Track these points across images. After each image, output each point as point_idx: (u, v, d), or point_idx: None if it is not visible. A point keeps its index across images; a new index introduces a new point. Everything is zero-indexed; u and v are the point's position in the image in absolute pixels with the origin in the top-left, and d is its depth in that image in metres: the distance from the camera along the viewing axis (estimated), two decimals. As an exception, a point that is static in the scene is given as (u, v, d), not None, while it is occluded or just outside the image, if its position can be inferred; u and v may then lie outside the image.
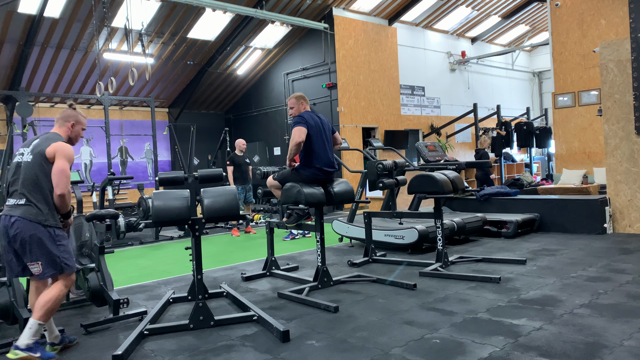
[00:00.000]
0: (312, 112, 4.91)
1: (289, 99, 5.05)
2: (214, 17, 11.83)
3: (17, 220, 3.10)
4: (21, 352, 3.00)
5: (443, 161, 7.44)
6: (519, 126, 13.96)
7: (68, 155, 3.20)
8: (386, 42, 14.39)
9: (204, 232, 5.78)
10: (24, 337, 3.03)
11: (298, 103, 4.94)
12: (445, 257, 5.28)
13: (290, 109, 4.98)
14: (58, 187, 3.12)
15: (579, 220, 7.02)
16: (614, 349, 2.93)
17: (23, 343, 3.02)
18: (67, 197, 3.18)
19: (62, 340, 3.40)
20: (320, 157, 4.72)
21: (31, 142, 3.30)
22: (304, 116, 4.74)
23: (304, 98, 4.99)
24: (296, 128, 4.63)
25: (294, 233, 8.24)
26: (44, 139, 3.27)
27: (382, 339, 3.31)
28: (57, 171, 3.13)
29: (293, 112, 4.94)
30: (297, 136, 4.59)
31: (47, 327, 3.28)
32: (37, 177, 3.15)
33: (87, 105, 13.45)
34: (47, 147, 3.18)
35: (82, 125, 3.47)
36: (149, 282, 5.48)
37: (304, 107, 4.93)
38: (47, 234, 3.13)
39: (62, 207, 3.21)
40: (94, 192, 10.14)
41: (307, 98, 5.05)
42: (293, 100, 4.97)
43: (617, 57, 6.91)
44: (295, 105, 4.94)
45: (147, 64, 9.16)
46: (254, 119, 15.49)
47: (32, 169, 3.16)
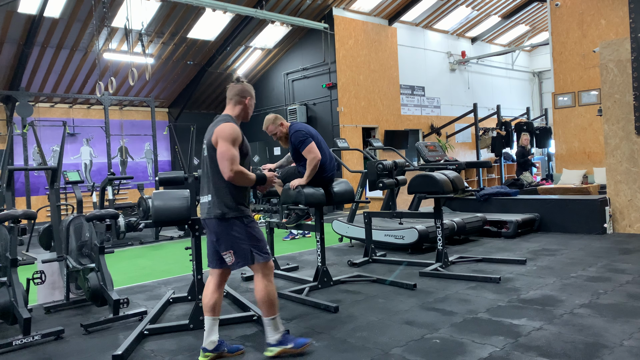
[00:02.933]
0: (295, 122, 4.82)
1: (265, 126, 4.64)
2: (214, 17, 11.83)
3: (207, 219, 3.12)
4: (275, 347, 3.08)
5: (443, 161, 7.44)
6: (519, 126, 13.96)
7: (227, 135, 3.00)
8: (386, 42, 14.39)
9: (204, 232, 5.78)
10: (270, 335, 3.10)
11: (277, 125, 4.63)
12: (445, 257, 5.29)
13: (273, 135, 4.68)
14: (224, 173, 2.98)
15: (579, 220, 7.02)
16: (614, 349, 2.93)
17: (273, 339, 3.09)
18: (237, 176, 2.99)
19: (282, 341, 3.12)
20: (328, 161, 4.70)
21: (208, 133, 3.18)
22: (302, 129, 4.60)
23: (279, 118, 4.68)
24: (309, 146, 4.47)
25: (294, 233, 8.24)
26: (212, 125, 3.14)
27: (382, 339, 3.31)
28: (219, 156, 3.00)
29: (277, 135, 4.67)
30: (315, 152, 4.45)
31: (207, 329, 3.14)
32: (215, 168, 3.06)
33: (87, 105, 13.45)
34: (211, 136, 3.07)
35: (254, 98, 3.32)
36: (149, 282, 5.48)
37: (284, 125, 4.67)
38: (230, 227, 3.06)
39: (244, 184, 3.07)
40: (94, 192, 10.14)
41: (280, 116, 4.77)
42: (271, 127, 4.62)
43: (617, 57, 6.91)
44: (276, 130, 4.64)
45: (147, 64, 9.16)
46: (254, 119, 15.40)
47: (210, 160, 3.10)
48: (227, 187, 3.05)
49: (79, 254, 4.50)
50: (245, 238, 3.06)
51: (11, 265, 3.71)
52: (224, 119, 3.14)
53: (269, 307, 3.07)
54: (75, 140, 13.26)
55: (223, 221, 3.05)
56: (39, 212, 6.62)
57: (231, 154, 2.97)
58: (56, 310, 4.43)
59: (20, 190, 11.96)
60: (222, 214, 3.04)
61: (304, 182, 4.55)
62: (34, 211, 4.00)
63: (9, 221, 3.75)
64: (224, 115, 3.19)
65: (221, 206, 3.04)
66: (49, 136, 12.51)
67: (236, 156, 2.99)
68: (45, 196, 11.94)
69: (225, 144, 2.99)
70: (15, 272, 3.75)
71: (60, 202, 7.62)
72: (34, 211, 3.98)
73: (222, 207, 3.04)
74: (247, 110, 3.27)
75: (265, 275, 3.09)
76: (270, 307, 3.07)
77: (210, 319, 3.13)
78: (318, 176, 4.63)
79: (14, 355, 3.42)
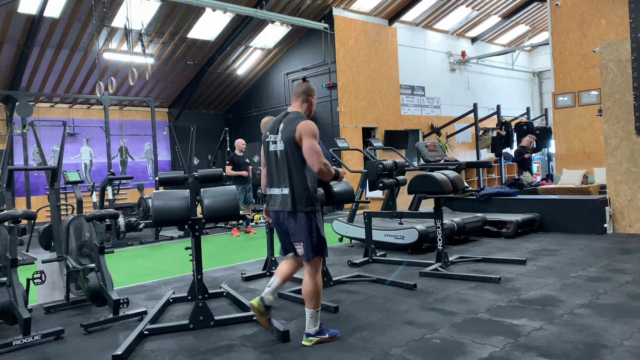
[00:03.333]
0: None
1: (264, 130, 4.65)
2: (214, 17, 11.83)
3: (280, 212, 3.29)
4: (313, 337, 3.28)
5: (443, 161, 7.44)
6: (519, 126, 13.96)
7: (310, 132, 3.21)
8: (386, 42, 14.39)
9: (204, 232, 5.78)
10: (310, 325, 3.28)
11: None
12: (445, 257, 5.28)
13: None
14: (314, 166, 3.19)
15: (579, 220, 7.02)
16: (614, 349, 2.93)
17: (312, 330, 3.28)
18: (325, 169, 3.22)
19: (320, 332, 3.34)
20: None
21: (276, 128, 3.34)
22: None
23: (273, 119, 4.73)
24: None
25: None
26: (288, 121, 3.30)
27: (382, 339, 3.31)
28: (307, 151, 3.19)
29: None
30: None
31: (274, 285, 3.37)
32: (295, 164, 3.24)
33: (87, 105, 13.45)
34: (293, 131, 3.22)
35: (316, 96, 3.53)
36: (149, 282, 5.48)
37: None
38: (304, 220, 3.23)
39: (328, 178, 3.31)
40: (94, 192, 10.13)
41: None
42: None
43: (617, 57, 6.91)
44: None
45: (147, 64, 9.16)
46: (254, 119, 15.48)
47: (292, 157, 3.24)
48: (305, 182, 3.25)
49: (79, 254, 4.50)
50: (314, 232, 3.26)
51: (11, 265, 3.71)
52: (299, 116, 3.33)
53: (313, 300, 3.25)
54: (75, 140, 13.26)
55: (299, 214, 3.23)
56: (39, 212, 6.62)
57: (318, 148, 3.21)
58: (56, 310, 4.43)
59: (20, 190, 11.96)
60: (299, 207, 3.22)
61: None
62: (34, 211, 4.00)
63: (9, 221, 3.75)
64: (295, 112, 3.38)
65: (300, 200, 3.23)
66: (49, 136, 12.51)
67: (321, 151, 3.25)
68: (45, 196, 11.94)
69: (311, 140, 3.20)
70: (15, 272, 3.75)
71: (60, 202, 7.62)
72: (34, 211, 3.98)
73: (300, 200, 3.23)
74: (312, 107, 3.49)
75: (317, 271, 3.31)
76: (315, 300, 3.25)
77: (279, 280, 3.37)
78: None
79: (14, 355, 3.42)
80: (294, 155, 3.24)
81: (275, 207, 3.33)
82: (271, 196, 3.37)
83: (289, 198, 3.23)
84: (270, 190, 3.37)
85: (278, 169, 3.31)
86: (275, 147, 3.33)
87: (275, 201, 3.32)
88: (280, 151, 3.30)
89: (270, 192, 3.38)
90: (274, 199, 3.34)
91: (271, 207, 3.37)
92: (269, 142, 3.37)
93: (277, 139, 3.32)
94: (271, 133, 3.37)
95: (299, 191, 3.23)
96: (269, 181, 3.40)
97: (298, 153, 3.24)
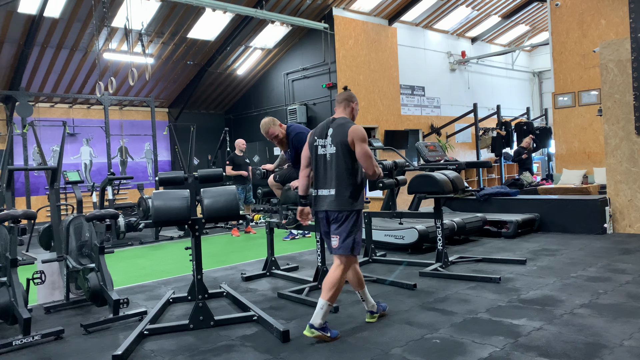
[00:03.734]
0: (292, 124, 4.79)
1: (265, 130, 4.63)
2: (214, 17, 11.83)
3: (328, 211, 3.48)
4: (316, 330, 3.35)
5: (443, 161, 7.44)
6: (519, 126, 13.96)
7: (362, 136, 3.46)
8: (386, 42, 14.38)
9: (204, 232, 5.78)
10: (317, 317, 3.36)
11: (277, 126, 4.66)
12: (445, 257, 5.28)
13: (275, 137, 4.66)
14: (368, 169, 3.46)
15: (579, 220, 7.02)
16: (614, 349, 2.93)
17: (317, 322, 3.35)
18: (377, 172, 3.51)
19: (379, 308, 3.71)
20: None
21: (324, 133, 3.55)
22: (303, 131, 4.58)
23: (275, 119, 4.72)
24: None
25: (294, 233, 8.24)
26: (338, 126, 3.51)
27: (382, 339, 3.31)
28: (362, 156, 3.44)
29: (280, 138, 4.67)
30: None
31: (363, 297, 3.61)
32: (346, 166, 3.45)
33: (87, 105, 13.45)
34: (345, 135, 3.44)
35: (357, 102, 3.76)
36: (149, 282, 5.48)
37: (282, 126, 4.70)
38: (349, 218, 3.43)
39: (374, 178, 3.56)
40: (94, 192, 10.14)
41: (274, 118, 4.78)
42: (272, 129, 4.63)
43: (617, 57, 6.91)
44: (277, 131, 4.65)
45: (147, 64, 9.15)
46: (254, 119, 15.47)
47: (342, 160, 3.45)
48: (354, 184, 3.48)
49: (79, 254, 4.50)
50: (355, 230, 3.46)
51: (11, 265, 3.71)
52: (347, 121, 3.57)
53: (329, 290, 3.40)
54: (75, 140, 13.26)
55: (344, 212, 3.44)
56: (39, 212, 6.61)
57: (370, 152, 3.49)
58: (56, 310, 4.43)
59: (20, 190, 11.95)
60: (345, 207, 3.43)
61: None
62: (34, 211, 4.00)
63: (9, 221, 3.75)
64: (342, 117, 3.62)
65: (349, 200, 3.44)
66: (49, 136, 12.50)
67: (372, 154, 3.55)
68: (45, 196, 11.93)
69: (364, 145, 3.46)
70: (15, 272, 3.75)
71: (60, 202, 7.62)
72: (34, 211, 3.98)
73: (347, 200, 3.44)
74: (354, 112, 3.72)
75: (346, 267, 3.49)
76: (330, 290, 3.39)
77: (362, 291, 3.63)
78: None
79: (14, 355, 3.42)
80: (345, 157, 3.46)
81: (324, 207, 3.51)
82: (319, 197, 3.54)
83: (337, 198, 3.44)
84: (319, 191, 3.55)
85: (327, 171, 3.51)
86: (324, 151, 3.54)
87: (325, 201, 3.50)
88: (330, 154, 3.50)
89: (319, 194, 3.55)
90: (322, 199, 3.52)
91: (319, 207, 3.55)
92: (317, 146, 3.58)
93: (326, 143, 3.53)
94: (319, 137, 3.58)
95: (346, 192, 3.44)
96: (317, 183, 3.58)
97: (349, 155, 3.45)
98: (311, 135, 3.69)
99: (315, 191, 3.57)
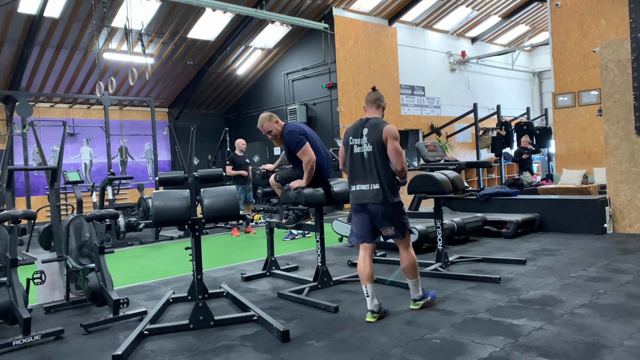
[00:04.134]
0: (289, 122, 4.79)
1: (260, 124, 4.69)
2: (214, 17, 11.83)
3: (370, 204, 3.75)
4: (420, 301, 3.88)
5: (443, 161, 7.44)
6: (519, 126, 13.96)
7: (396, 135, 3.77)
8: (386, 42, 14.39)
9: (204, 232, 5.78)
10: (414, 293, 3.89)
11: (272, 123, 4.67)
12: (445, 257, 5.28)
13: (269, 132, 4.68)
14: (398, 164, 3.74)
15: (579, 220, 7.02)
16: (614, 349, 2.93)
17: (417, 296, 3.88)
18: (405, 168, 3.80)
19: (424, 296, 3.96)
20: (325, 162, 4.70)
21: (359, 132, 3.82)
22: (295, 129, 4.60)
23: (274, 116, 4.74)
24: (303, 147, 4.50)
25: (294, 233, 8.24)
26: (373, 126, 3.78)
27: (382, 339, 3.31)
28: (392, 152, 3.73)
29: (273, 134, 4.69)
30: (310, 154, 4.51)
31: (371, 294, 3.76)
32: (383, 162, 3.74)
33: (87, 105, 13.45)
34: (380, 134, 3.73)
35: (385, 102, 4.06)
36: (149, 282, 5.48)
37: (279, 124, 4.72)
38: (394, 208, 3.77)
39: (402, 174, 3.84)
40: (94, 192, 10.14)
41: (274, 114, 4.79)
42: (267, 124, 4.67)
43: (617, 57, 6.91)
44: (271, 127, 4.66)
45: (147, 64, 9.15)
46: (254, 119, 15.42)
47: (379, 157, 3.74)
48: (392, 177, 3.80)
49: (79, 254, 4.50)
50: (403, 216, 3.83)
51: (11, 265, 3.71)
52: (381, 121, 3.83)
53: (414, 271, 3.84)
54: (75, 140, 13.26)
55: (390, 205, 3.75)
56: (39, 212, 6.62)
57: (401, 150, 3.78)
58: (56, 310, 4.43)
59: (20, 190, 11.96)
60: (390, 199, 3.74)
61: (304, 185, 4.56)
62: (34, 211, 3.99)
63: (9, 221, 3.75)
64: (375, 117, 3.86)
65: (389, 193, 3.75)
66: (49, 136, 12.51)
67: (403, 151, 3.84)
68: (45, 196, 11.94)
69: (395, 142, 3.75)
70: (15, 272, 3.74)
71: (60, 202, 7.62)
72: (34, 211, 3.98)
73: (390, 193, 3.75)
74: (384, 111, 3.99)
75: (410, 246, 3.88)
76: (415, 271, 3.84)
77: (371, 285, 3.74)
78: (317, 177, 4.63)
79: (14, 355, 3.42)
80: (381, 154, 3.74)
81: (364, 200, 3.78)
82: (358, 191, 3.82)
83: (380, 191, 3.72)
84: (357, 186, 3.82)
85: (365, 167, 3.78)
86: (360, 149, 3.81)
87: (365, 195, 3.78)
88: (367, 152, 3.77)
89: (358, 188, 3.82)
90: (362, 193, 3.79)
91: (358, 200, 3.82)
92: (353, 145, 3.84)
93: (362, 142, 3.79)
94: (354, 137, 3.84)
95: (388, 185, 3.74)
96: (354, 178, 3.85)
97: (385, 153, 3.74)
98: (345, 135, 3.93)
99: (354, 186, 3.83)
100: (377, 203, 3.73)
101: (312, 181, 4.60)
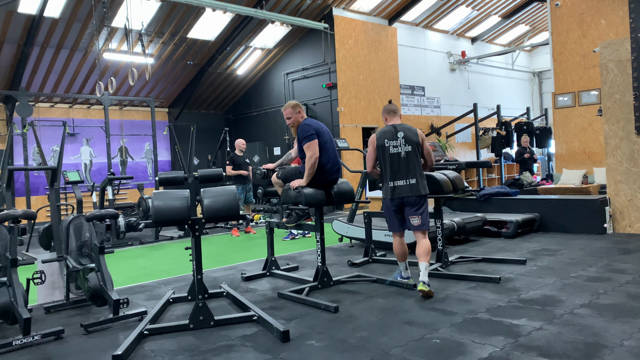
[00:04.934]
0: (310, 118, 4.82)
1: (284, 108, 4.75)
2: (214, 17, 11.84)
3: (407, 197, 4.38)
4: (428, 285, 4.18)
5: (443, 161, 7.44)
6: (519, 126, 13.95)
7: (425, 137, 4.65)
8: (386, 42, 14.39)
9: (204, 232, 5.78)
10: (425, 276, 4.21)
11: (295, 112, 4.70)
12: (445, 257, 5.29)
13: (288, 119, 4.72)
14: (431, 163, 4.67)
15: (579, 220, 7.02)
16: (614, 349, 2.93)
17: (426, 279, 4.20)
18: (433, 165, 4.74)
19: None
20: (330, 163, 4.68)
21: (394, 136, 4.44)
22: (311, 124, 4.61)
23: (300, 106, 4.77)
24: (310, 142, 4.51)
25: (294, 233, 8.24)
26: (407, 130, 4.48)
27: (382, 339, 3.31)
28: (428, 152, 4.62)
29: (291, 121, 4.72)
30: (314, 150, 4.50)
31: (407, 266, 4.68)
32: (418, 160, 4.44)
33: (87, 105, 13.45)
34: (416, 136, 4.47)
35: None
36: (149, 282, 5.48)
37: (301, 115, 4.73)
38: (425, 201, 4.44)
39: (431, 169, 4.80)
40: (94, 192, 10.13)
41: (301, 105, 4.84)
42: (289, 110, 4.71)
43: (617, 57, 6.91)
44: (292, 115, 4.70)
45: (147, 64, 9.15)
46: (254, 119, 15.49)
47: (415, 156, 4.43)
48: (423, 174, 4.49)
49: (79, 254, 4.50)
50: (427, 210, 4.47)
51: (11, 265, 3.71)
52: (409, 125, 4.58)
53: (427, 255, 4.34)
54: (75, 140, 13.26)
55: (423, 197, 4.42)
56: (39, 212, 6.62)
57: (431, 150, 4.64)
58: (56, 310, 4.43)
59: (20, 190, 11.96)
60: (423, 192, 4.40)
61: (304, 183, 4.55)
62: (34, 211, 4.00)
63: (9, 221, 3.75)
64: (403, 123, 4.56)
65: (424, 186, 4.42)
66: (49, 136, 12.51)
67: None
68: (45, 196, 11.94)
69: (428, 143, 4.63)
70: (15, 272, 3.74)
71: (60, 202, 7.61)
72: (34, 211, 3.98)
73: (424, 187, 4.42)
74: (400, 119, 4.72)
75: (426, 237, 4.46)
76: (428, 255, 4.34)
77: (404, 263, 4.62)
78: (318, 178, 4.60)
79: (14, 355, 3.42)
80: (417, 154, 4.43)
81: (403, 194, 4.38)
82: (397, 187, 4.40)
83: (417, 185, 4.37)
84: (396, 182, 4.40)
85: (401, 166, 4.39)
86: (397, 150, 4.41)
87: (403, 190, 4.38)
88: (406, 152, 4.40)
89: (397, 184, 4.40)
90: (400, 188, 4.39)
91: (396, 195, 4.39)
92: (389, 146, 4.43)
93: (397, 144, 4.42)
94: (390, 140, 4.43)
95: (423, 181, 4.43)
96: (392, 176, 4.41)
97: (419, 152, 4.45)
98: (379, 139, 4.45)
99: (392, 183, 4.40)
100: (414, 195, 4.33)
101: (313, 181, 4.59)
